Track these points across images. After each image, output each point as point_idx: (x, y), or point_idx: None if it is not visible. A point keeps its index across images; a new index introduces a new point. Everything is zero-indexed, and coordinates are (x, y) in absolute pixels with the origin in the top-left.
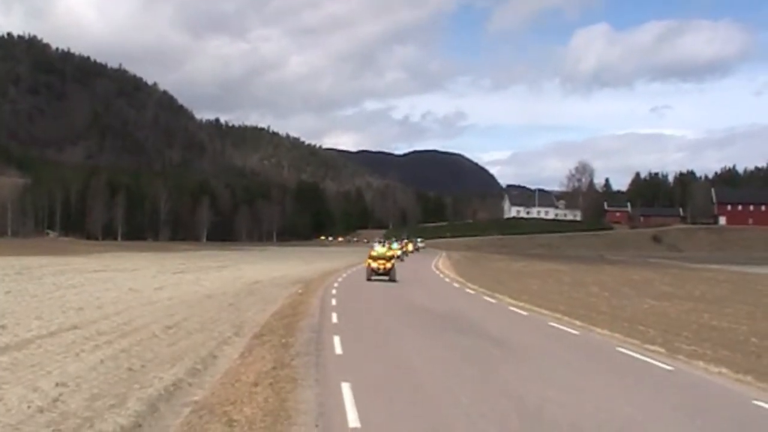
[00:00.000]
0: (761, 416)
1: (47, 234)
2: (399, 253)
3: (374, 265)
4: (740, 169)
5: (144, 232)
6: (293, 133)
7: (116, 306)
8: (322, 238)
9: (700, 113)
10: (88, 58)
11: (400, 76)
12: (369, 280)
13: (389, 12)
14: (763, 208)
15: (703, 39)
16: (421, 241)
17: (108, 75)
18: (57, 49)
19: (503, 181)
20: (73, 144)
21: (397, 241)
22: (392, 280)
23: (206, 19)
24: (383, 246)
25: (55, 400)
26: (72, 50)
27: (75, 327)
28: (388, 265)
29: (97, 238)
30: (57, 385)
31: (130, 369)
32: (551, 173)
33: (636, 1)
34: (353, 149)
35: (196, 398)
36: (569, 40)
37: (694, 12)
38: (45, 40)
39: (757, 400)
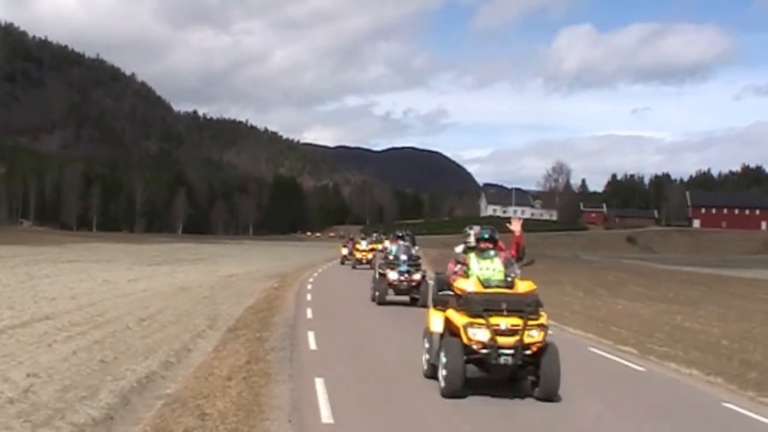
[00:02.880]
0: (731, 418)
1: (21, 223)
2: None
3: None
4: (715, 172)
5: (119, 223)
6: (272, 127)
7: (90, 297)
8: (308, 233)
9: (679, 116)
10: (66, 46)
11: (382, 71)
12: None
13: (374, 7)
14: (736, 211)
15: (686, 42)
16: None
17: (85, 64)
18: (34, 37)
19: (481, 180)
20: (49, 133)
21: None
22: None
23: (189, 11)
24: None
25: (26, 390)
26: (49, 39)
27: (47, 317)
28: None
29: (71, 229)
30: (28, 375)
31: (102, 361)
32: (530, 172)
33: (620, 2)
34: (332, 144)
35: (168, 391)
36: (553, 39)
37: (677, 15)
38: (22, 28)
39: (726, 402)
